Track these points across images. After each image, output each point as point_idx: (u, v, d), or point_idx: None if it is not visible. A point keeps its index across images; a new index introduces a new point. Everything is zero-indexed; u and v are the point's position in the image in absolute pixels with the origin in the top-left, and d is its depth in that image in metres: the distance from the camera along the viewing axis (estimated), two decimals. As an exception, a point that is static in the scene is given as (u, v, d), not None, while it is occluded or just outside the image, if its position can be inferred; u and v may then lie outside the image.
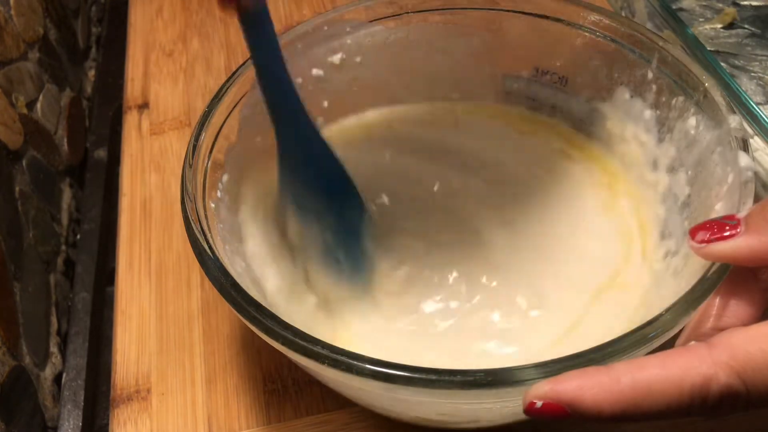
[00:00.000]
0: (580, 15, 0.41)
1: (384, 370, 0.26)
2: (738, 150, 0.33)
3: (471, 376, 0.26)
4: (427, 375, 0.26)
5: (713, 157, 0.35)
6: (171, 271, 0.49)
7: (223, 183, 0.38)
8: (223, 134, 0.38)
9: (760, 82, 0.52)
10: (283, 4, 0.68)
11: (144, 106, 0.60)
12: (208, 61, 0.63)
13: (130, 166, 0.56)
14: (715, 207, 0.33)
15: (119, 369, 0.45)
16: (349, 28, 0.43)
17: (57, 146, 0.58)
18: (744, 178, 0.32)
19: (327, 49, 0.43)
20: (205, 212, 0.35)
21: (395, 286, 0.39)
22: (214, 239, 0.34)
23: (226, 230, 0.37)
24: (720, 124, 0.34)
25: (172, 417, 0.42)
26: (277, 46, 0.34)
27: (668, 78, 0.38)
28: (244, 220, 0.40)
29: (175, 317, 0.46)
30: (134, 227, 0.52)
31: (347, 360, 0.27)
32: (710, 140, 0.35)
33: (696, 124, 0.36)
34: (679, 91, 0.37)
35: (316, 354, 0.28)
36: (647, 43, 0.39)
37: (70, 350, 0.49)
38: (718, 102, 0.35)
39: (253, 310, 0.29)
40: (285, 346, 0.28)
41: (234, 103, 0.39)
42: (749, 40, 0.55)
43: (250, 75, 0.39)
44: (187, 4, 0.69)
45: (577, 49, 0.42)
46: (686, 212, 0.37)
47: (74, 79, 0.66)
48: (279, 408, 0.42)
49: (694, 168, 0.37)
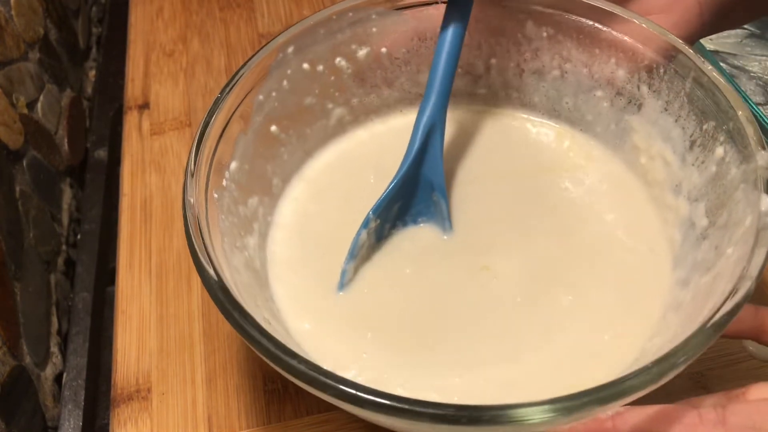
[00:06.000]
0: (622, 23, 0.40)
1: (353, 392, 0.27)
2: (762, 192, 0.31)
3: (441, 409, 0.26)
4: (397, 403, 0.26)
5: (736, 194, 0.33)
6: (171, 271, 0.49)
7: (231, 171, 0.38)
8: (234, 120, 0.38)
9: (760, 82, 0.52)
10: (283, 4, 0.68)
11: (144, 106, 0.61)
12: (208, 62, 0.63)
13: (131, 166, 0.56)
14: (727, 251, 0.32)
15: (120, 369, 0.45)
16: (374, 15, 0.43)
17: (57, 146, 0.58)
18: (761, 224, 0.30)
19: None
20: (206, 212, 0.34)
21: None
22: (212, 236, 0.34)
23: (228, 222, 0.37)
24: (748, 160, 0.33)
25: (173, 416, 0.42)
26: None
27: (701, 100, 0.36)
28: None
29: (175, 317, 0.47)
30: (134, 227, 0.52)
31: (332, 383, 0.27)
32: (735, 175, 0.34)
33: (724, 155, 0.35)
34: (711, 115, 0.36)
35: (288, 365, 0.28)
36: (684, 60, 0.37)
37: (70, 350, 0.49)
38: (749, 135, 0.33)
39: (282, 353, 0.29)
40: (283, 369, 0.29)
41: (247, 90, 0.39)
42: (749, 40, 0.55)
43: (267, 62, 0.40)
44: (187, 5, 0.69)
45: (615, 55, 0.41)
46: (703, 246, 0.35)
47: (75, 80, 0.66)
48: (279, 408, 0.42)
49: (715, 201, 0.35)
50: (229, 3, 0.69)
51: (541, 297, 0.38)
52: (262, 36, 0.65)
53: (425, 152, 0.40)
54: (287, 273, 0.40)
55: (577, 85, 0.43)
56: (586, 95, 0.43)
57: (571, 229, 0.41)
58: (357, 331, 0.37)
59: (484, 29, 0.43)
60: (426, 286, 0.39)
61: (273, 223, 0.42)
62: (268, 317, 0.35)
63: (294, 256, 0.41)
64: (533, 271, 0.39)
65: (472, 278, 0.39)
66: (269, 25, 0.66)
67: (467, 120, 0.47)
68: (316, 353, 0.36)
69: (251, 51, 0.63)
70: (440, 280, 0.39)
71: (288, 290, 0.39)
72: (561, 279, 0.39)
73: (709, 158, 0.36)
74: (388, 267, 0.40)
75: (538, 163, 0.44)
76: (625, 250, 0.39)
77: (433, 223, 0.41)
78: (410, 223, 0.42)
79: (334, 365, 0.36)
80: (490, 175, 0.44)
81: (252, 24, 0.66)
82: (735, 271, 0.30)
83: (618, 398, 0.26)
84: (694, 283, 0.34)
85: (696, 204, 0.37)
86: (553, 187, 0.43)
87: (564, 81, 0.44)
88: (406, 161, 0.40)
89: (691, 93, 0.37)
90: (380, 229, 0.40)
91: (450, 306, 0.38)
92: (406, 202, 0.41)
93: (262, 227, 0.41)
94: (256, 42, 0.64)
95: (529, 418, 0.26)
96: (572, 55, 0.42)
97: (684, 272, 0.36)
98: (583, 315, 0.37)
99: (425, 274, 0.39)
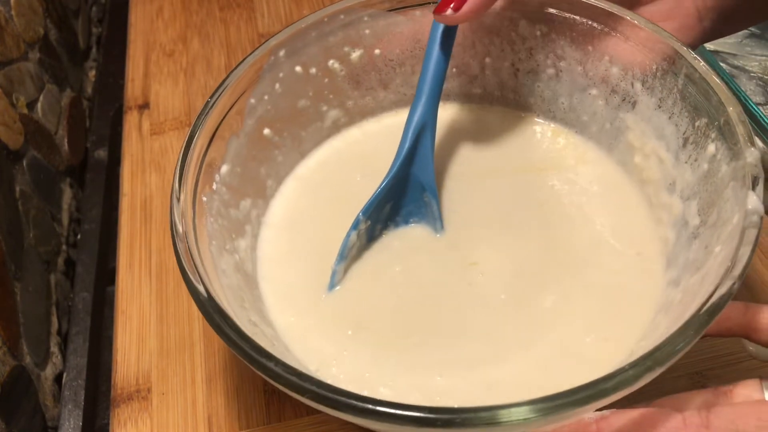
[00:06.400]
0: (615, 20, 0.40)
1: (332, 396, 0.27)
2: (749, 189, 0.31)
3: (416, 412, 0.26)
4: (372, 405, 0.26)
5: (726, 192, 0.33)
6: (171, 271, 0.49)
7: (221, 175, 0.38)
8: (225, 124, 0.38)
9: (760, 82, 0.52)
10: (283, 4, 0.68)
11: (144, 106, 0.61)
12: (208, 61, 0.63)
13: (131, 166, 0.56)
14: (715, 250, 0.32)
15: (119, 369, 0.45)
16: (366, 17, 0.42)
17: (57, 146, 0.58)
18: (747, 222, 0.30)
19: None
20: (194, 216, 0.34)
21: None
22: (199, 240, 0.34)
23: (218, 225, 0.37)
24: (737, 157, 0.33)
25: (173, 416, 0.42)
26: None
27: (693, 97, 0.36)
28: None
29: (175, 317, 0.47)
30: (134, 227, 0.52)
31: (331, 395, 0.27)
32: (726, 172, 0.33)
33: (715, 152, 0.35)
34: (703, 112, 0.36)
35: (269, 371, 0.28)
36: (676, 56, 0.37)
37: (70, 350, 0.49)
38: (738, 132, 0.33)
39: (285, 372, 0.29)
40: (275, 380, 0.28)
41: (238, 94, 0.39)
42: (749, 40, 0.55)
43: (258, 65, 0.40)
44: (187, 5, 0.69)
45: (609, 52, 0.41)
46: (694, 245, 0.35)
47: (75, 80, 0.66)
48: (279, 408, 0.42)
49: (707, 199, 0.35)
50: (229, 3, 0.69)
51: (527, 297, 0.38)
52: (262, 36, 0.65)
53: (416, 152, 0.40)
54: (276, 271, 0.40)
55: (572, 83, 0.43)
56: (581, 94, 0.43)
57: (564, 229, 0.41)
58: (342, 330, 0.37)
59: (478, 28, 0.43)
60: (415, 285, 0.39)
61: (264, 223, 0.42)
62: (255, 319, 0.35)
63: (284, 254, 0.41)
64: (521, 271, 0.39)
65: (460, 277, 0.39)
66: (269, 25, 0.66)
67: (461, 119, 0.47)
68: (303, 352, 0.36)
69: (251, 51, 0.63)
70: (429, 280, 0.39)
71: (277, 289, 0.39)
72: (549, 279, 0.38)
73: (702, 156, 0.36)
74: (377, 266, 0.40)
75: (533, 162, 0.44)
76: (616, 250, 0.39)
77: (425, 223, 0.41)
78: (402, 224, 0.42)
79: (320, 364, 0.36)
80: (483, 174, 0.44)
81: (252, 24, 0.66)
82: (719, 271, 0.29)
83: (592, 401, 0.26)
84: (684, 282, 0.34)
85: (689, 202, 0.37)
86: (546, 188, 0.43)
87: (559, 80, 0.43)
88: (396, 162, 0.40)
89: (684, 89, 0.37)
90: (371, 229, 0.40)
91: (437, 305, 0.38)
92: (397, 202, 0.41)
93: (254, 229, 0.42)
94: (256, 42, 0.64)
95: (503, 421, 0.26)
96: (566, 53, 0.42)
97: (676, 272, 0.36)
98: (569, 316, 0.37)
99: (415, 273, 0.39)
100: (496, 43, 0.44)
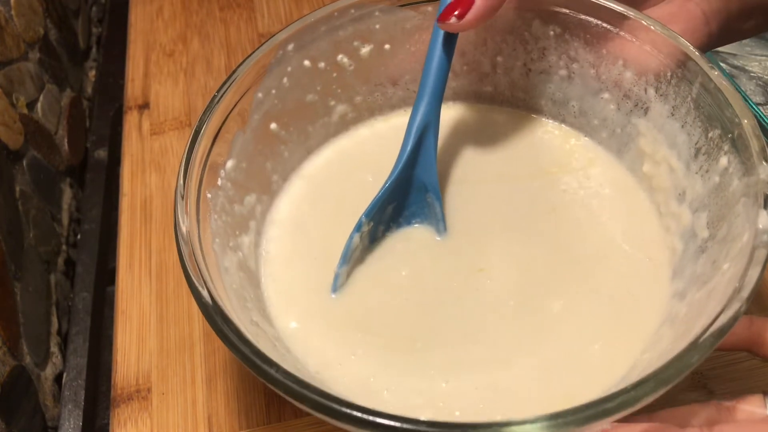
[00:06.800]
0: (631, 23, 0.39)
1: (328, 404, 0.27)
2: (761, 208, 0.30)
3: (410, 424, 0.26)
4: (371, 417, 0.26)
5: (737, 207, 0.32)
6: (171, 271, 0.49)
7: (227, 170, 0.38)
8: (231, 119, 0.38)
9: (760, 82, 0.52)
10: (283, 4, 0.68)
11: (144, 106, 0.61)
12: (208, 61, 0.63)
13: (131, 166, 0.56)
14: (723, 266, 0.31)
15: (120, 369, 0.45)
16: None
17: (57, 146, 0.58)
18: (757, 242, 0.29)
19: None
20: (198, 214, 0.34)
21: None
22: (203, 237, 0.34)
23: (222, 221, 0.37)
24: (750, 172, 0.32)
25: (173, 416, 0.42)
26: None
27: (708, 107, 0.36)
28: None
29: (175, 317, 0.47)
30: (134, 227, 0.52)
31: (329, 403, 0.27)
32: (737, 187, 0.33)
33: (727, 165, 0.34)
34: (716, 123, 0.35)
35: (272, 379, 0.28)
36: (691, 64, 0.37)
37: (70, 350, 0.49)
38: (752, 146, 0.32)
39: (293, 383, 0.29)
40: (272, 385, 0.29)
41: (245, 88, 0.39)
42: (749, 40, 0.55)
43: (266, 60, 0.40)
44: (187, 5, 0.69)
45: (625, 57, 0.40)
46: (702, 258, 0.34)
47: (74, 80, 0.66)
48: (279, 408, 0.42)
49: (717, 213, 0.34)
50: (229, 3, 0.69)
51: (535, 303, 0.37)
52: (262, 36, 0.65)
53: (418, 153, 0.40)
54: (280, 270, 0.40)
55: (584, 86, 0.43)
56: (593, 98, 0.43)
57: (572, 232, 0.41)
58: (346, 333, 0.37)
59: (491, 26, 0.43)
60: (418, 288, 0.39)
61: (269, 220, 0.42)
62: (257, 319, 0.35)
63: (288, 253, 0.41)
64: (529, 276, 0.39)
65: (464, 281, 0.39)
66: (269, 25, 0.66)
67: (468, 120, 0.47)
68: (305, 355, 0.36)
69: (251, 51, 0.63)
70: (432, 283, 0.39)
71: (280, 288, 0.39)
72: (556, 284, 0.38)
73: (713, 167, 0.35)
74: (381, 269, 0.40)
75: (540, 165, 0.44)
76: (624, 257, 0.39)
77: (428, 225, 0.41)
78: (404, 225, 0.41)
79: (322, 368, 0.36)
80: (490, 176, 0.44)
81: (252, 24, 0.66)
82: (727, 290, 0.29)
83: (593, 420, 0.26)
84: (690, 296, 0.34)
85: (698, 214, 0.36)
86: (553, 191, 0.43)
87: (571, 82, 0.43)
88: (398, 163, 0.40)
89: (698, 98, 0.36)
90: (374, 231, 0.40)
91: (441, 309, 0.38)
92: (400, 203, 0.41)
93: (259, 225, 0.41)
94: (256, 42, 0.64)
95: None
96: (580, 55, 0.42)
97: (682, 284, 0.36)
98: (577, 322, 0.36)
99: (418, 276, 0.39)
100: (508, 42, 0.43)
